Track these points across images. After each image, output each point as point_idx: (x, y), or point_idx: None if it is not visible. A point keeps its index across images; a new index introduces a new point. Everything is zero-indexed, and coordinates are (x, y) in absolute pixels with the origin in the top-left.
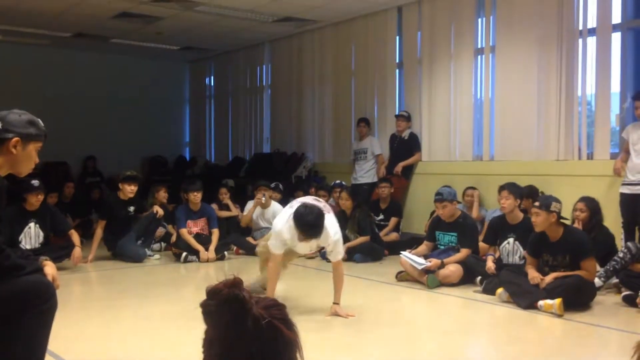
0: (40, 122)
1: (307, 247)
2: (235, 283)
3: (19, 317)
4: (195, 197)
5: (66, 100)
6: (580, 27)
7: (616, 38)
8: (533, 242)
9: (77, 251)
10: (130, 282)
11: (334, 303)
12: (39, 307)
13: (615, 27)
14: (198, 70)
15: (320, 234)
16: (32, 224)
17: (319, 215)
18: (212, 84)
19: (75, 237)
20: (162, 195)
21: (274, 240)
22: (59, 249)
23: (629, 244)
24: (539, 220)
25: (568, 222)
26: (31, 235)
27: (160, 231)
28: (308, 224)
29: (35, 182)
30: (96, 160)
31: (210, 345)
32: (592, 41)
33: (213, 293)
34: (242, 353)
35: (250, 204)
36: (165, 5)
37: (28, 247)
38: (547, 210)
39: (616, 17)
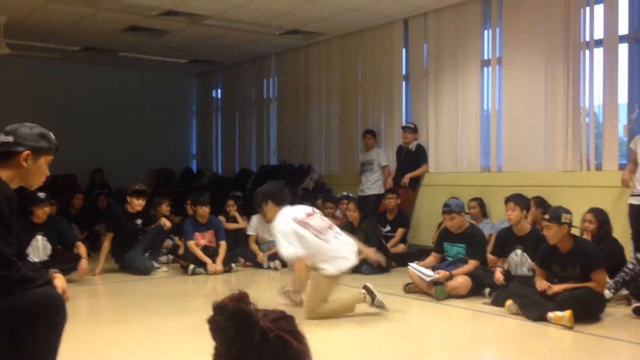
0: (52, 135)
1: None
2: (241, 297)
3: (29, 329)
4: (204, 210)
5: (74, 112)
6: (587, 39)
7: (623, 49)
8: (542, 254)
9: (84, 263)
10: (138, 295)
11: None
12: (49, 319)
13: (622, 39)
14: (205, 83)
15: None
16: (39, 237)
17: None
18: (219, 96)
19: (82, 249)
20: (165, 208)
21: (287, 244)
22: (66, 261)
23: (638, 255)
24: (551, 233)
25: (577, 231)
26: (38, 248)
27: (167, 242)
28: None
29: (42, 195)
30: (104, 173)
31: None
32: (598, 52)
33: (219, 308)
34: None
35: (255, 219)
36: (173, 19)
37: (35, 259)
38: (558, 222)
39: (623, 29)
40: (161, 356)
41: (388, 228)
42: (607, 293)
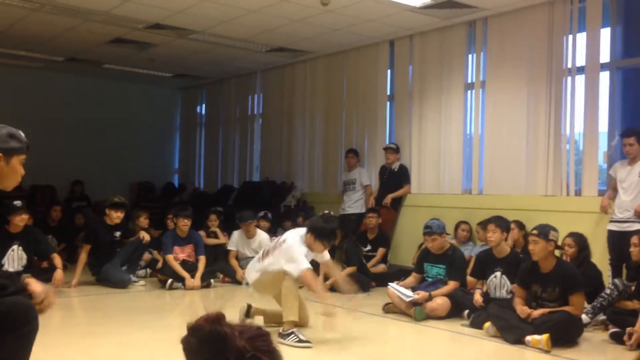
0: (21, 133)
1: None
2: (218, 319)
3: None
4: (185, 224)
5: (57, 123)
6: (569, 66)
7: (604, 77)
8: (523, 272)
9: (58, 273)
10: (113, 308)
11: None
12: (19, 329)
13: (604, 66)
14: (190, 98)
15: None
16: (15, 247)
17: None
18: (204, 112)
19: (57, 260)
20: (143, 221)
21: (300, 256)
22: (41, 272)
23: (616, 280)
24: (537, 248)
25: (558, 254)
26: (14, 258)
27: (146, 256)
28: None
29: (18, 203)
30: (84, 185)
31: None
32: (580, 79)
33: (194, 330)
34: None
35: (236, 234)
36: (159, 32)
37: (11, 269)
38: (546, 238)
39: (605, 57)
40: None
41: (369, 247)
42: (585, 318)
